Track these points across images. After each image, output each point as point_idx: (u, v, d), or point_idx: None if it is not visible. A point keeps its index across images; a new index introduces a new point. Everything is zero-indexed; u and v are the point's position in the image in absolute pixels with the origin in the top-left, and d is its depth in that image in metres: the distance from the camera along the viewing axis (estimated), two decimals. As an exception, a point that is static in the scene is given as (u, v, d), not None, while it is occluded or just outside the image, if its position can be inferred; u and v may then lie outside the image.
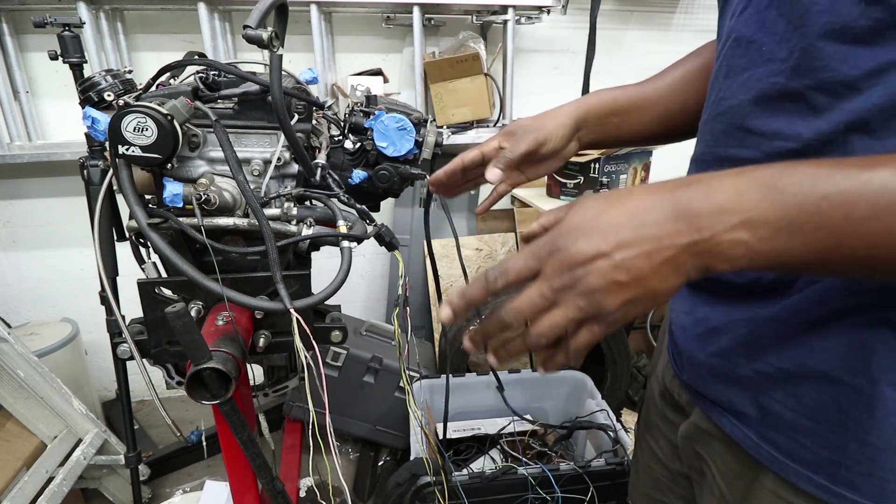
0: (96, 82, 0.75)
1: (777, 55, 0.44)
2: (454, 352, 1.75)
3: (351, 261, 0.70)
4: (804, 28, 0.41)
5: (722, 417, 0.54)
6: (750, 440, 0.51)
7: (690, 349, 0.57)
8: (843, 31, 0.38)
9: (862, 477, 0.43)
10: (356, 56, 2.02)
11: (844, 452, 0.44)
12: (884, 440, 0.42)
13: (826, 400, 0.44)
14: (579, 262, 0.38)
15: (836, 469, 0.44)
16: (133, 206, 0.66)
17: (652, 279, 0.37)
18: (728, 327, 0.51)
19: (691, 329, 0.57)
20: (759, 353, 0.48)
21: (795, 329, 0.45)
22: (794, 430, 0.47)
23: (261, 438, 1.17)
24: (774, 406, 0.48)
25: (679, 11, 2.20)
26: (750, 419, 0.51)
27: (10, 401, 1.43)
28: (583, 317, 0.40)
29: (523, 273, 0.41)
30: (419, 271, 2.23)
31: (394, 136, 0.78)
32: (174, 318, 0.56)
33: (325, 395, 0.66)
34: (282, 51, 0.64)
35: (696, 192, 0.36)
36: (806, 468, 0.46)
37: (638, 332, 2.33)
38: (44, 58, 1.57)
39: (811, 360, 0.45)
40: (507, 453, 1.57)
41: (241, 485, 0.89)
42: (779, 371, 0.47)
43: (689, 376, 0.61)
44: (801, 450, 0.46)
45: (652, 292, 0.38)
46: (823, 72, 0.40)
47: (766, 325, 0.47)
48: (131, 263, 0.84)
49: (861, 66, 0.38)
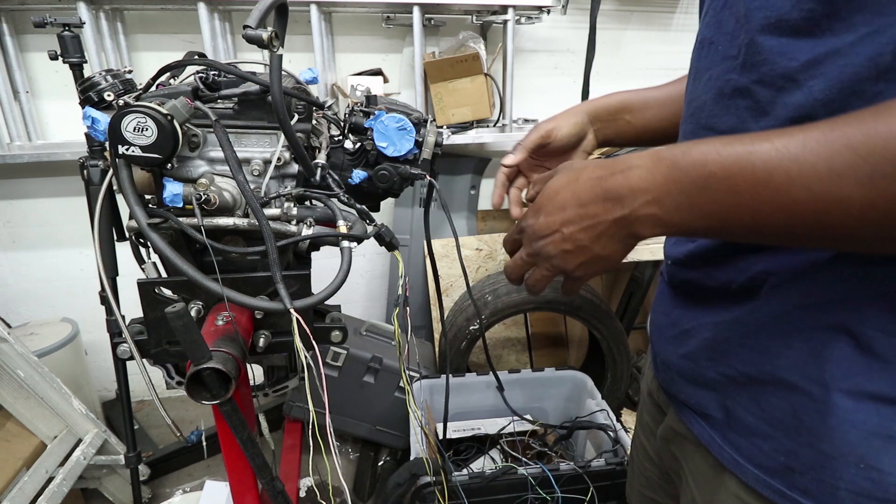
0: (96, 82, 0.75)
1: (730, 53, 0.46)
2: (454, 352, 1.75)
3: (351, 261, 0.70)
4: (748, 24, 0.43)
5: (692, 419, 0.56)
6: (715, 442, 0.52)
7: (664, 351, 0.60)
8: (779, 24, 0.40)
9: (814, 483, 0.44)
10: (356, 56, 2.02)
11: (798, 458, 0.44)
12: (834, 447, 0.42)
13: (783, 406, 0.45)
14: (540, 235, 0.50)
15: (791, 474, 0.45)
16: (133, 206, 0.66)
17: (594, 247, 0.47)
18: (697, 330, 0.53)
19: (667, 330, 0.59)
20: (723, 357, 0.50)
21: (756, 333, 0.47)
22: (754, 434, 0.48)
23: (261, 438, 1.17)
24: (738, 410, 0.49)
25: (679, 11, 2.20)
26: (716, 421, 0.52)
27: (10, 401, 1.43)
28: (553, 274, 0.51)
29: (516, 241, 0.55)
30: (419, 271, 2.23)
31: (394, 136, 0.78)
32: (174, 318, 0.56)
33: (325, 395, 0.66)
34: (282, 51, 0.64)
35: (620, 177, 0.43)
36: (764, 473, 0.47)
37: (638, 332, 2.33)
38: (44, 58, 1.57)
39: (770, 366, 0.46)
40: (507, 453, 1.57)
41: (241, 485, 0.89)
42: (741, 375, 0.48)
43: (662, 377, 0.62)
44: (760, 454, 0.47)
45: (597, 256, 0.47)
46: (764, 65, 0.42)
47: (729, 329, 0.49)
48: (131, 263, 0.84)
49: (799, 57, 0.39)
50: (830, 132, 0.33)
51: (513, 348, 2.31)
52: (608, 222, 0.45)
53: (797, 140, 0.34)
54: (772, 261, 0.45)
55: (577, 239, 0.47)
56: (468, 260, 2.19)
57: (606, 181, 0.44)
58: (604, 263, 0.48)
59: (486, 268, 2.22)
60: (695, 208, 0.39)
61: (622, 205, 0.43)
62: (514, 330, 2.31)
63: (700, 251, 0.53)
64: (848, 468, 0.42)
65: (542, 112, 2.16)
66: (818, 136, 0.33)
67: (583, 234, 0.46)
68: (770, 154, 0.35)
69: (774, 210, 0.35)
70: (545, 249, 0.49)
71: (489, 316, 1.74)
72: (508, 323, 2.27)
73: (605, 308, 1.79)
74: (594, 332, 1.81)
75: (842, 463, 0.42)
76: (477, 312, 1.73)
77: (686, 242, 0.55)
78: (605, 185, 0.44)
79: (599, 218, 0.45)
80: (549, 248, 0.49)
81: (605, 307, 1.81)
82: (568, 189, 0.47)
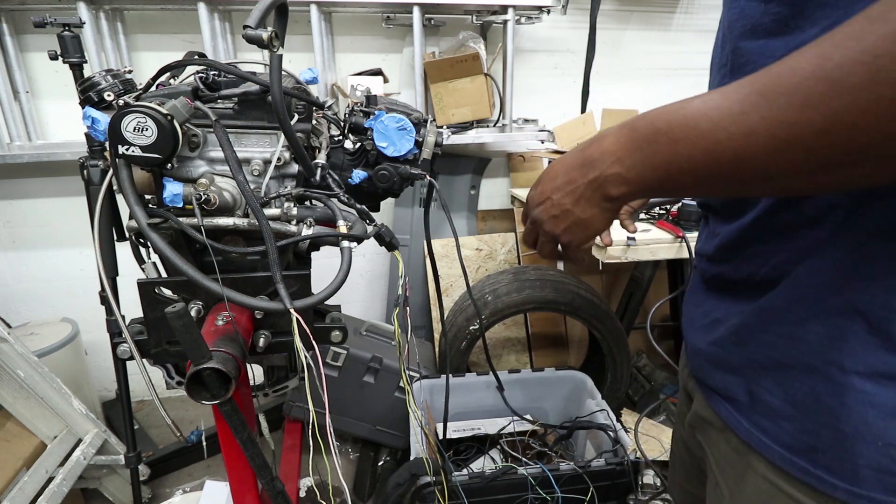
0: (96, 82, 0.75)
1: (721, 62, 0.55)
2: (454, 352, 1.75)
3: (351, 261, 0.70)
4: (731, 34, 0.51)
5: (718, 403, 0.59)
6: (741, 425, 0.55)
7: (695, 339, 0.63)
8: (755, 30, 0.47)
9: (837, 461, 0.46)
10: (356, 56, 2.03)
11: (820, 438, 0.47)
12: (853, 427, 0.45)
13: (805, 388, 0.48)
14: (536, 203, 0.58)
15: (814, 454, 0.48)
16: (133, 206, 0.66)
17: (575, 210, 0.53)
18: (726, 319, 0.57)
19: (698, 320, 0.63)
20: (748, 342, 0.53)
21: (778, 319, 0.50)
22: (778, 415, 0.51)
23: (261, 438, 1.17)
24: (763, 393, 0.52)
25: (679, 11, 2.20)
26: (742, 405, 0.55)
27: (10, 401, 1.43)
28: (548, 239, 0.59)
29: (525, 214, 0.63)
30: (419, 271, 2.23)
31: (394, 136, 0.78)
32: (174, 318, 0.56)
33: (325, 395, 0.66)
34: (282, 51, 0.64)
35: (595, 145, 0.50)
36: (790, 452, 0.50)
37: (638, 332, 2.33)
38: (44, 58, 1.58)
39: (792, 350, 0.49)
40: (507, 453, 1.57)
41: (241, 485, 0.89)
42: (766, 359, 0.51)
43: (693, 365, 0.66)
44: (785, 435, 0.50)
45: (579, 220, 0.54)
46: (748, 65, 0.49)
47: (754, 316, 0.52)
48: (131, 263, 0.84)
49: (776, 54, 0.43)
50: (744, 82, 0.39)
51: (513, 348, 2.31)
52: (584, 184, 0.51)
53: (720, 92, 0.40)
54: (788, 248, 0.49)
55: (562, 204, 0.54)
56: (468, 260, 2.19)
57: (585, 150, 0.51)
58: (584, 228, 0.54)
59: (486, 268, 2.22)
60: (646, 162, 0.45)
61: (594, 167, 0.50)
62: (514, 330, 2.31)
63: (725, 243, 0.57)
64: (867, 446, 0.44)
65: (542, 112, 2.17)
66: (736, 86, 0.39)
67: (566, 198, 0.53)
68: (698, 105, 0.41)
69: (703, 154, 0.40)
70: (539, 216, 0.57)
71: (489, 316, 1.74)
72: (508, 323, 2.27)
73: (605, 308, 1.80)
74: (594, 332, 1.81)
75: (860, 442, 0.45)
76: (477, 312, 1.73)
77: (713, 238, 0.60)
78: (584, 154, 0.51)
79: (577, 182, 0.52)
80: (541, 214, 0.57)
81: (605, 307, 1.81)
82: (560, 162, 0.55)
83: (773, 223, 0.50)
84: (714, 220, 0.62)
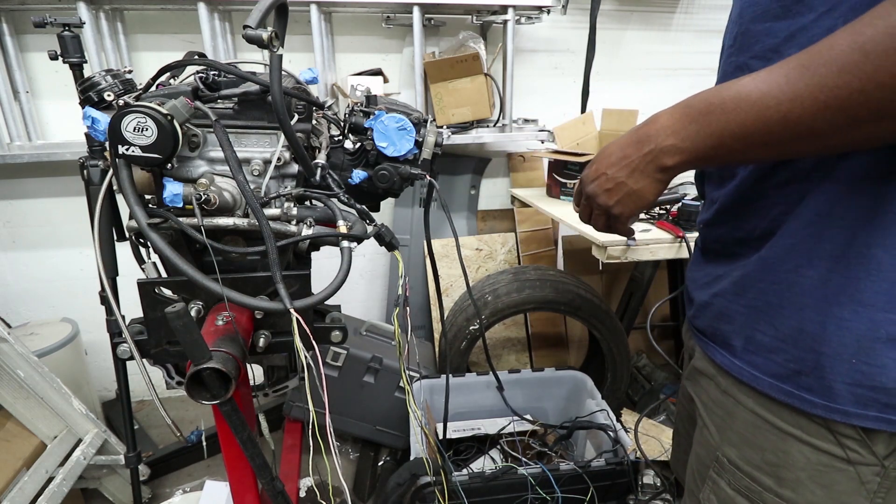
0: (96, 82, 0.75)
1: (730, 44, 0.63)
2: (454, 352, 1.75)
3: (351, 261, 0.70)
4: (742, 19, 0.60)
5: (714, 351, 0.67)
6: (735, 365, 0.62)
7: (699, 294, 0.71)
8: (764, 15, 0.56)
9: (816, 381, 0.54)
10: (356, 56, 2.02)
11: (804, 363, 0.55)
12: (832, 348, 0.53)
13: (793, 323, 0.56)
14: (590, 180, 0.65)
15: (798, 377, 0.56)
16: (133, 206, 0.66)
17: (629, 181, 0.60)
18: (728, 274, 0.64)
19: (701, 279, 0.71)
20: (748, 291, 0.61)
21: (774, 267, 0.57)
22: (769, 350, 0.58)
23: (261, 438, 1.17)
24: (757, 335, 0.60)
25: (679, 11, 2.20)
26: (736, 349, 0.63)
27: (10, 401, 1.43)
28: (601, 212, 0.66)
29: (579, 192, 0.70)
30: (419, 271, 2.23)
31: (394, 136, 0.78)
32: (174, 318, 0.56)
33: (325, 395, 0.66)
34: (282, 51, 0.64)
35: (649, 124, 0.57)
36: (776, 380, 0.58)
37: (638, 332, 2.33)
38: (44, 58, 1.58)
39: (787, 293, 0.56)
40: (507, 453, 1.57)
41: (241, 485, 0.89)
42: (764, 304, 0.59)
43: (694, 315, 0.73)
44: (774, 366, 0.58)
45: (631, 191, 0.61)
46: (756, 44, 0.57)
47: (754, 266, 0.59)
48: (131, 263, 0.84)
49: (780, 35, 0.54)
50: (788, 60, 0.47)
51: (513, 348, 2.31)
52: (639, 157, 0.58)
53: (766, 70, 0.48)
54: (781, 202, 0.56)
55: (616, 177, 0.61)
56: (468, 260, 2.19)
57: (640, 129, 0.58)
58: (637, 199, 0.61)
59: (486, 268, 2.22)
60: (701, 132, 0.51)
61: (650, 141, 0.56)
62: (514, 330, 2.31)
63: (723, 206, 0.65)
64: (843, 364, 0.52)
65: (542, 112, 2.17)
66: (781, 64, 0.47)
67: (621, 171, 0.60)
68: (748, 81, 0.48)
69: (755, 119, 0.47)
70: (593, 191, 0.64)
71: (489, 316, 1.74)
72: (508, 323, 2.27)
73: (605, 308, 1.80)
74: (594, 332, 1.81)
75: (837, 360, 0.52)
76: (477, 312, 1.73)
77: (711, 205, 0.68)
78: (638, 133, 0.58)
79: (632, 157, 0.58)
80: (595, 188, 0.64)
81: (605, 307, 1.81)
82: (614, 144, 0.62)
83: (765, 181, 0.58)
84: (710, 187, 0.70)
